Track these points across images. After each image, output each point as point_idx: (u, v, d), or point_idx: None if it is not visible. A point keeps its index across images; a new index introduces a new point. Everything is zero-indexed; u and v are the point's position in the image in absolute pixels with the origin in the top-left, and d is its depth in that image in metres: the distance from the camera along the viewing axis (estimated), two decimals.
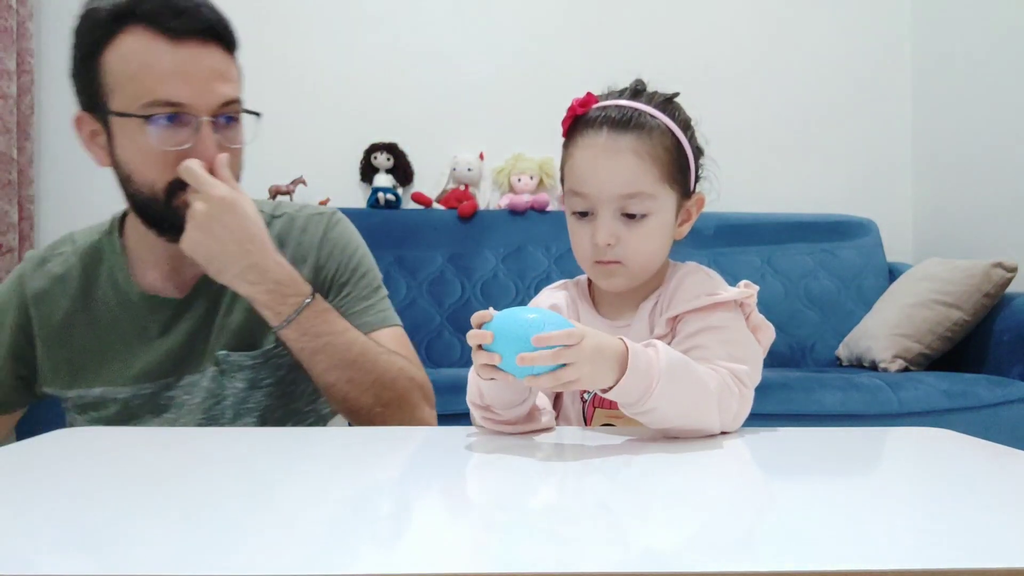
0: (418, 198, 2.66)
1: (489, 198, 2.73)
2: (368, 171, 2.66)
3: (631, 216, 0.83)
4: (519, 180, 2.64)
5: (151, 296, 0.97)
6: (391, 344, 0.98)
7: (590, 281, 0.95)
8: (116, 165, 0.91)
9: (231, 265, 0.86)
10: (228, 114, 0.91)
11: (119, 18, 0.87)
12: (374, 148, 2.65)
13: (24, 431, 1.80)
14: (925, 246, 2.73)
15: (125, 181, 0.91)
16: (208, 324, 0.98)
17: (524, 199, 2.61)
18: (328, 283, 1.01)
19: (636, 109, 0.84)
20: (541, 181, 2.66)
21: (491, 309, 0.69)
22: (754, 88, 2.80)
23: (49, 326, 0.98)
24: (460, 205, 2.59)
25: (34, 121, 2.38)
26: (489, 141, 2.73)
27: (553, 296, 0.94)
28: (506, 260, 2.53)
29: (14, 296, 0.99)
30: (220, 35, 0.90)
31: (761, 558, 0.41)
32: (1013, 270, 2.04)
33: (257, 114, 0.96)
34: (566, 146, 0.88)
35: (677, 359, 0.72)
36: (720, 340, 0.79)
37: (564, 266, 2.48)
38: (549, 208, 2.62)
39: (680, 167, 0.85)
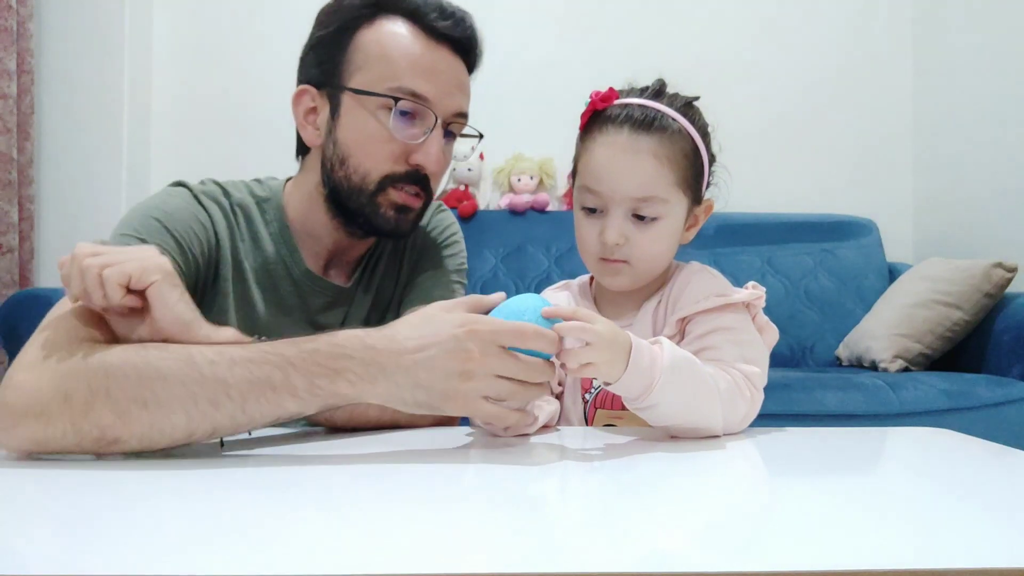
0: None
1: (489, 198, 2.73)
2: None
3: (641, 218, 0.83)
4: (519, 180, 2.64)
5: (317, 277, 0.95)
6: None
7: (591, 281, 0.95)
8: (332, 144, 0.89)
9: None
10: (453, 127, 0.92)
11: (385, 4, 0.88)
12: None
13: None
14: (925, 246, 2.73)
15: (337, 163, 0.89)
16: (344, 319, 0.97)
17: (524, 199, 2.61)
18: (416, 258, 1.01)
19: (659, 111, 0.83)
20: (541, 181, 2.66)
21: None
22: (754, 88, 2.79)
23: (211, 254, 0.89)
24: (460, 205, 2.59)
25: (34, 121, 2.38)
26: (489, 141, 2.72)
27: (555, 297, 0.94)
28: (506, 260, 2.53)
29: (194, 210, 0.89)
30: (470, 52, 0.93)
31: (761, 558, 0.41)
32: (1013, 270, 2.04)
33: (480, 136, 0.98)
34: (582, 139, 0.87)
35: (682, 357, 0.72)
36: (731, 341, 0.79)
37: (564, 266, 2.47)
38: (549, 208, 2.62)
39: (695, 173, 0.85)
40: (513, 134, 2.71)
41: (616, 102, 0.84)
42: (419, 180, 0.90)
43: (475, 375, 0.64)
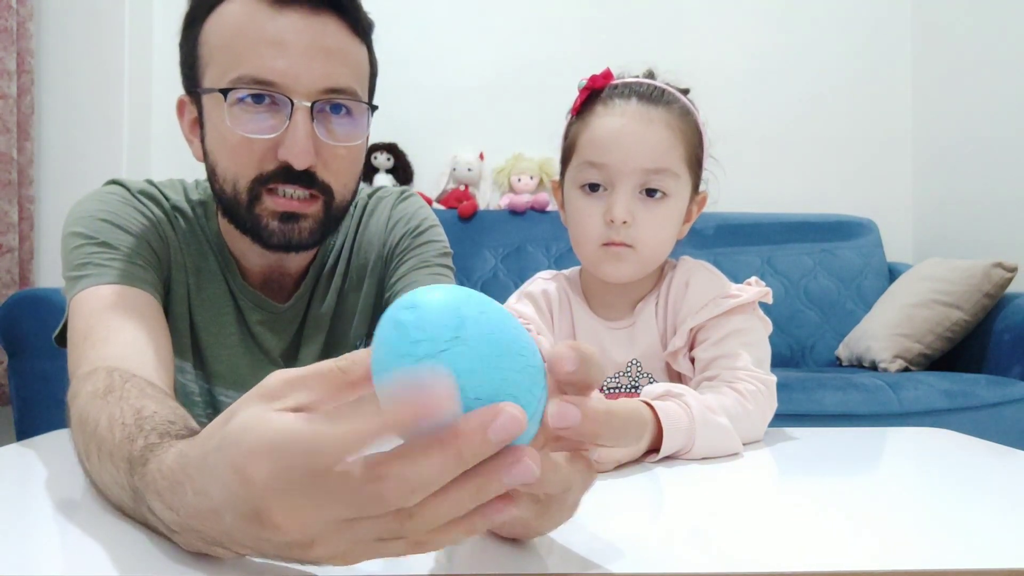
0: None
1: (489, 198, 2.73)
2: (368, 171, 2.66)
3: (651, 195, 0.78)
4: (519, 180, 2.64)
5: (252, 291, 0.86)
6: None
7: (581, 277, 0.92)
8: (206, 155, 0.78)
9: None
10: (336, 102, 0.75)
11: None
12: (374, 148, 2.65)
13: (24, 431, 1.80)
14: (925, 246, 2.73)
15: (212, 175, 0.78)
16: (299, 338, 0.90)
17: (524, 199, 2.62)
18: (391, 253, 0.91)
19: (664, 88, 0.81)
20: (541, 181, 2.66)
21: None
22: (754, 88, 2.79)
23: (163, 255, 0.82)
24: (460, 205, 2.59)
25: (34, 121, 2.37)
26: (489, 141, 2.73)
27: (545, 285, 0.92)
28: (506, 260, 2.54)
29: (140, 208, 0.82)
30: (339, 6, 0.74)
31: (761, 558, 0.41)
32: (1013, 270, 2.04)
33: (372, 106, 0.79)
34: (580, 118, 0.82)
35: (709, 408, 0.68)
36: (745, 344, 0.78)
37: (564, 266, 2.45)
38: (549, 208, 2.62)
39: (699, 156, 0.82)
40: (513, 134, 2.72)
41: (617, 80, 0.82)
42: (300, 178, 0.74)
43: (311, 540, 0.33)
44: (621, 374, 0.85)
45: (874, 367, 2.14)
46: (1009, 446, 0.73)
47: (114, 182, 0.85)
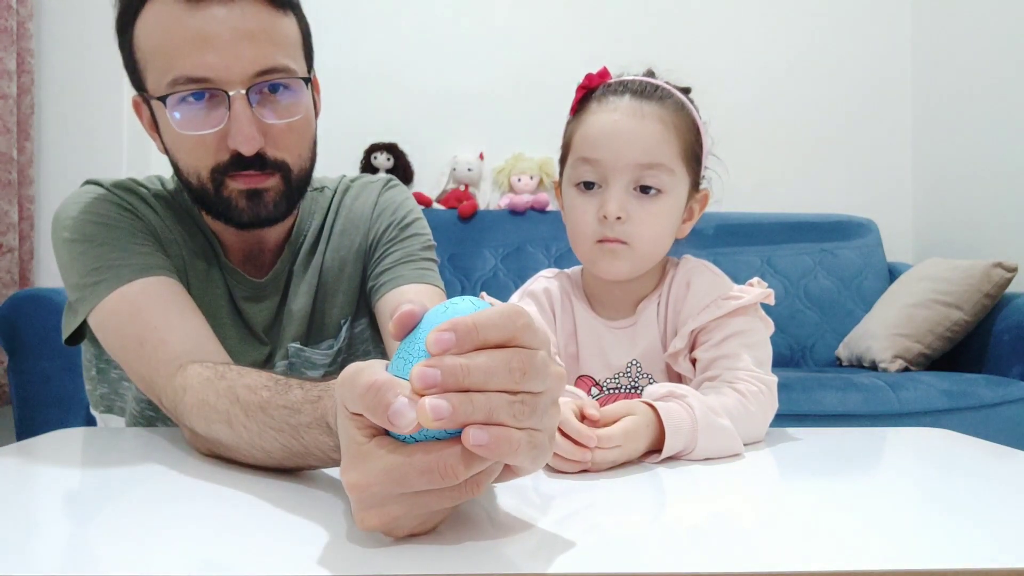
0: (418, 198, 2.66)
1: (489, 198, 2.73)
2: (368, 171, 2.66)
3: (645, 192, 0.78)
4: (519, 180, 2.64)
5: (233, 269, 0.90)
6: (425, 301, 0.87)
7: (583, 276, 0.92)
8: (167, 151, 0.82)
9: None
10: (273, 82, 0.76)
11: None
12: (374, 148, 2.65)
13: (24, 431, 1.80)
14: (925, 246, 2.73)
15: (175, 170, 0.81)
16: (279, 313, 0.92)
17: (524, 199, 2.62)
18: (376, 242, 0.94)
19: (660, 84, 0.81)
20: (541, 181, 2.66)
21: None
22: (754, 88, 2.80)
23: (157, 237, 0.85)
24: (460, 205, 2.59)
25: (34, 121, 2.37)
26: (489, 141, 2.73)
27: (547, 283, 0.92)
28: (505, 260, 2.54)
29: (122, 200, 0.84)
30: None
31: (761, 558, 0.41)
32: (1013, 270, 2.04)
33: (307, 80, 0.80)
34: (576, 116, 0.83)
35: (711, 409, 0.68)
36: (745, 344, 0.78)
37: (564, 266, 2.45)
38: (549, 208, 2.62)
39: (696, 151, 0.82)
40: (513, 134, 2.72)
41: (613, 78, 0.82)
42: (253, 163, 0.77)
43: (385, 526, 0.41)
44: (621, 374, 0.85)
45: (874, 367, 2.14)
46: (1009, 446, 0.73)
47: (89, 182, 0.88)
